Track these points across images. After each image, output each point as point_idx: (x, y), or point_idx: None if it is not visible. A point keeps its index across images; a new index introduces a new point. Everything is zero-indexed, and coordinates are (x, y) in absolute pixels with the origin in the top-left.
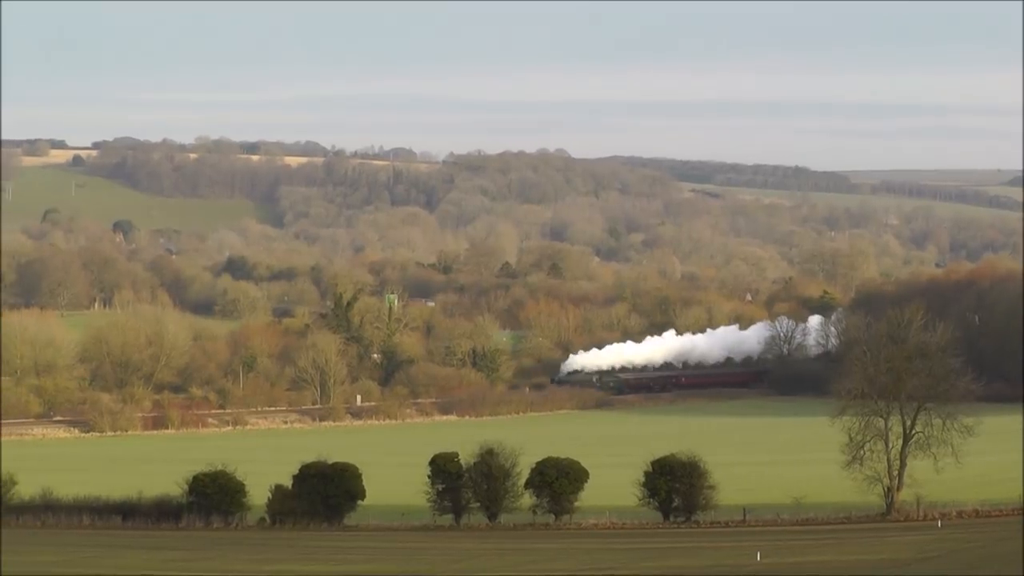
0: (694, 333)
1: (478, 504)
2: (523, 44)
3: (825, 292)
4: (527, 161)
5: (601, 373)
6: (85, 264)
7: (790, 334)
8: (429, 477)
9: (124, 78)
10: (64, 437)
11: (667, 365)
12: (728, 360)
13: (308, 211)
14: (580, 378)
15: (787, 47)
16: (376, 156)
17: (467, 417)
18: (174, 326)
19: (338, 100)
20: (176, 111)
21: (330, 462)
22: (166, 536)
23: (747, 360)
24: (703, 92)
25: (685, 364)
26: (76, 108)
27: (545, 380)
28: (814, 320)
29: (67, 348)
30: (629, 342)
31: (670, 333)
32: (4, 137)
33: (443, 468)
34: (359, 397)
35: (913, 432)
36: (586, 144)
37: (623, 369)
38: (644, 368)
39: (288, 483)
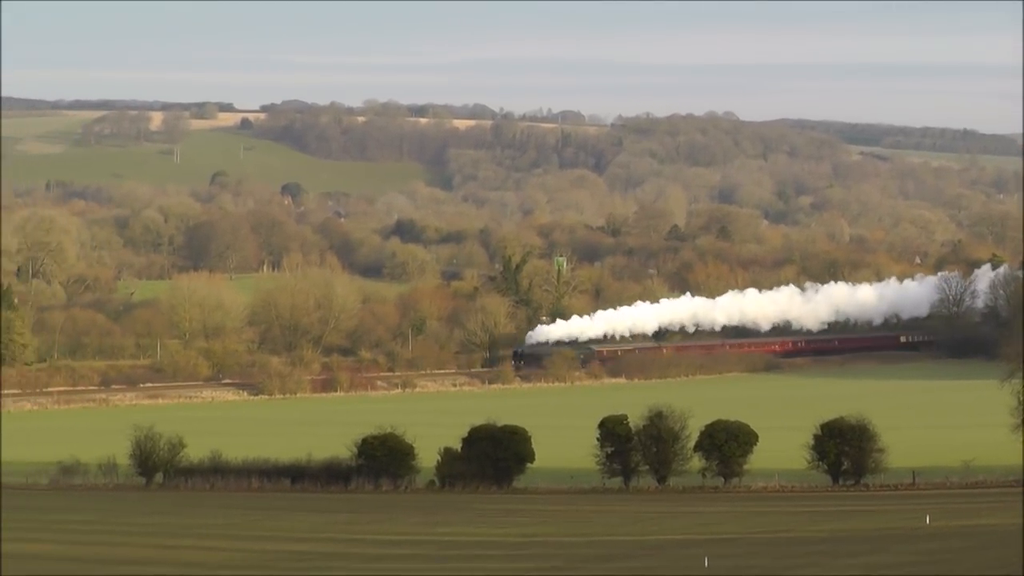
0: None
1: (647, 467)
2: (691, 6)
3: (994, 255)
4: (695, 124)
5: (570, 345)
6: (254, 227)
7: (959, 294)
8: (598, 440)
9: (292, 41)
10: (233, 400)
11: (830, 327)
12: (885, 322)
13: (477, 174)
14: (546, 351)
15: (956, 8)
16: (544, 119)
17: (636, 380)
18: (343, 289)
19: (506, 63)
20: (344, 74)
21: (499, 424)
22: (335, 499)
23: (913, 321)
24: (871, 54)
25: (847, 325)
26: (244, 71)
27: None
28: (984, 271)
29: (236, 311)
30: (599, 312)
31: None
32: (173, 100)
33: (612, 431)
34: None
35: None
36: (754, 106)
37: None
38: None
39: (457, 446)
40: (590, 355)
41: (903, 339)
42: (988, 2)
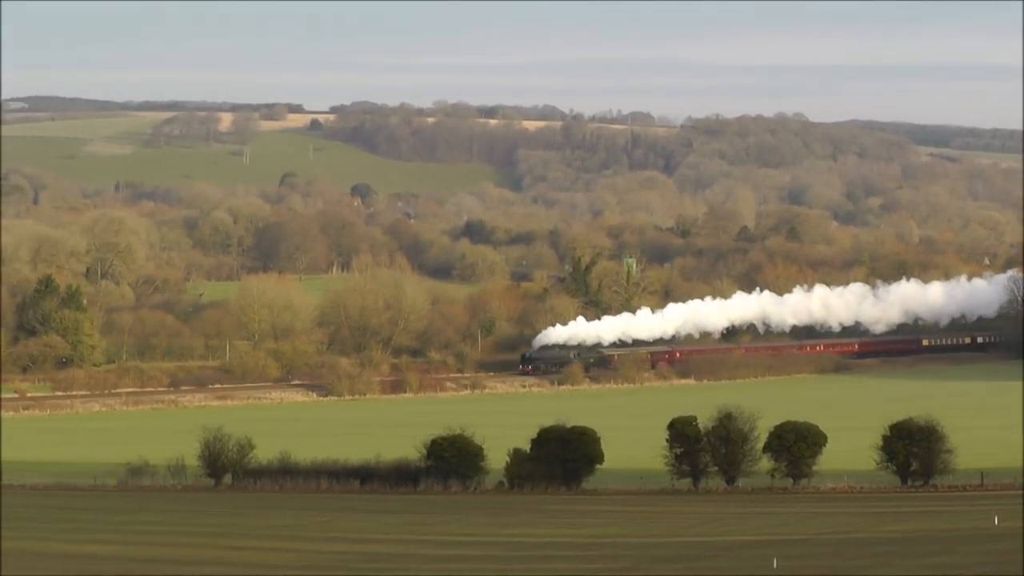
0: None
1: (716, 468)
2: (761, 7)
3: None
4: (765, 125)
5: (579, 349)
6: (323, 228)
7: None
8: (667, 441)
9: (362, 42)
10: (302, 401)
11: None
12: (952, 322)
13: (546, 175)
14: (554, 354)
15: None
16: (614, 120)
17: (705, 381)
18: (412, 290)
19: (576, 64)
20: (414, 75)
21: (568, 426)
22: (404, 500)
23: (980, 322)
24: (941, 56)
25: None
26: (313, 72)
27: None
28: None
29: (305, 312)
30: (625, 315)
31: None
32: (242, 101)
33: (681, 432)
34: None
35: None
36: (824, 108)
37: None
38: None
39: (526, 447)
40: (602, 360)
41: (925, 342)
42: None
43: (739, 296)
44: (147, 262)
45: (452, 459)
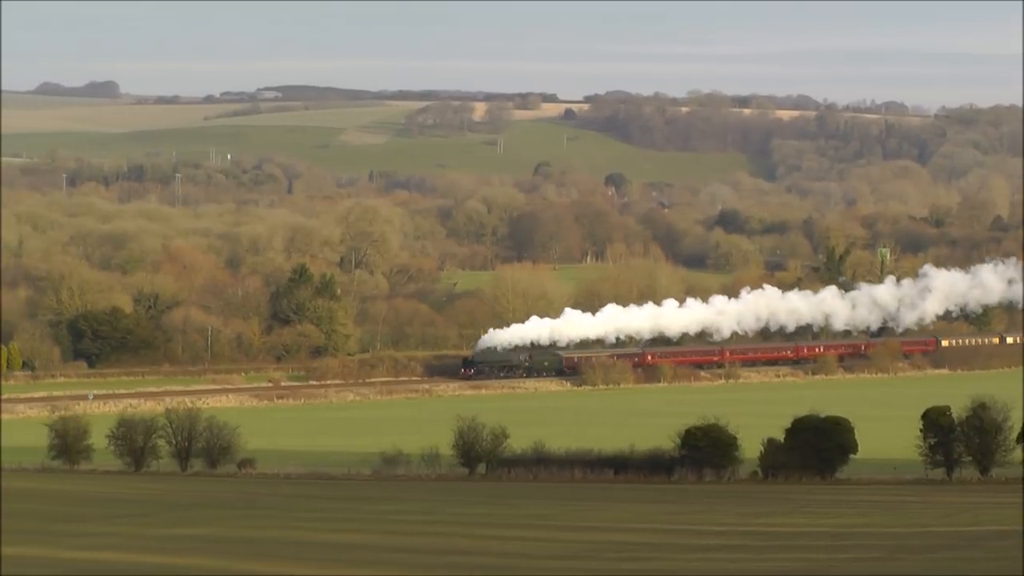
0: None
1: (970, 458)
2: None
3: None
4: (1019, 114)
5: (531, 351)
6: (577, 217)
7: None
8: (921, 431)
9: (616, 32)
10: (556, 390)
11: None
12: None
13: (800, 164)
14: (499, 357)
15: None
16: (868, 110)
17: (959, 371)
18: (666, 279)
19: (830, 53)
20: (667, 64)
21: (822, 415)
22: (658, 489)
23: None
24: None
25: None
26: (568, 61)
27: None
28: None
29: (559, 301)
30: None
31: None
32: (497, 90)
33: (935, 422)
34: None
35: None
36: None
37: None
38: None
39: (780, 437)
40: (556, 362)
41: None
42: None
43: (986, 266)
44: (401, 251)
45: (706, 449)
